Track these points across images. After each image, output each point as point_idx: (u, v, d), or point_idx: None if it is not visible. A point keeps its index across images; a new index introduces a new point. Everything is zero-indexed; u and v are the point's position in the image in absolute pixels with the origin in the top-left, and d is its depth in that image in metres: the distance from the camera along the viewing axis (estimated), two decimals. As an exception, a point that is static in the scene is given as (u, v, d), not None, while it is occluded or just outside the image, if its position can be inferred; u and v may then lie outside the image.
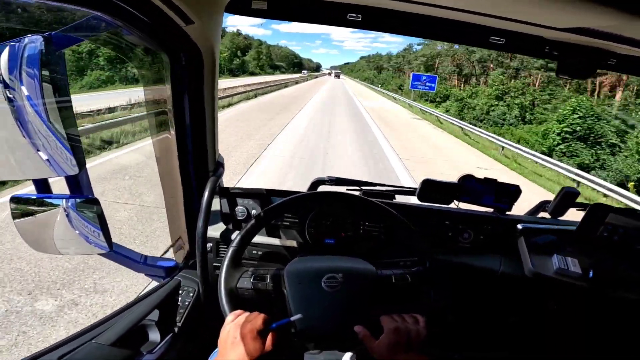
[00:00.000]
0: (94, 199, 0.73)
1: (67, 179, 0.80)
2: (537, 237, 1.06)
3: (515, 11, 0.71)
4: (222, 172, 1.01)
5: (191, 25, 0.73)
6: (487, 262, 1.10)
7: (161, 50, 0.79)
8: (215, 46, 0.84)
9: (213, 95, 0.91)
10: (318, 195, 1.01)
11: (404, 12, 0.84)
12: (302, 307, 0.74)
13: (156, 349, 0.81)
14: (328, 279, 0.77)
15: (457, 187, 1.12)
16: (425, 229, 1.13)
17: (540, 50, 0.89)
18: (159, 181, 1.01)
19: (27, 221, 0.75)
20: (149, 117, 0.97)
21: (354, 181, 1.20)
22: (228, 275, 0.80)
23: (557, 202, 1.12)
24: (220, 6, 0.81)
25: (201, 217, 0.87)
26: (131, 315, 0.78)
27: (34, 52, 0.63)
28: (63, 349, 0.66)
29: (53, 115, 0.66)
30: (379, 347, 0.65)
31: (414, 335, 0.66)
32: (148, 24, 0.68)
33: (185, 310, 0.93)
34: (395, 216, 0.90)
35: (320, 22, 0.91)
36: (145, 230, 3.55)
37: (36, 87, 0.64)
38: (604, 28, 0.67)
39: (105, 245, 0.73)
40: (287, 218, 1.10)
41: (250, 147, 7.65)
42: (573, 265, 0.96)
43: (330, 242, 1.08)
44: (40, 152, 0.68)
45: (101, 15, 0.63)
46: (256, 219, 0.87)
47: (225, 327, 0.67)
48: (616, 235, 0.92)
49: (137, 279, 2.65)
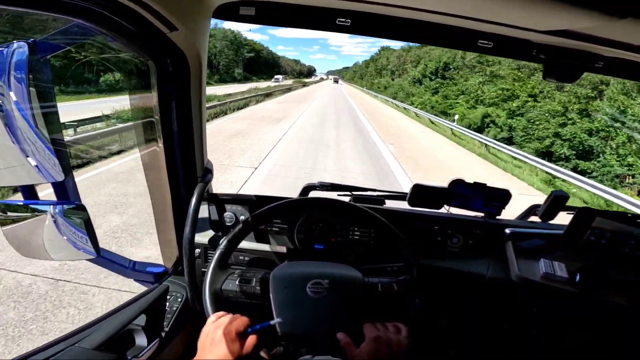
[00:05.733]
0: (80, 205, 0.73)
1: (54, 185, 0.80)
2: (525, 242, 1.06)
3: (501, 15, 0.72)
4: (211, 178, 1.01)
5: (175, 32, 0.73)
6: (475, 267, 1.10)
7: (146, 57, 0.79)
8: (202, 52, 0.84)
9: (200, 100, 0.91)
10: (307, 201, 1.02)
11: (393, 17, 0.84)
12: (286, 312, 0.75)
13: (142, 353, 0.81)
14: (313, 285, 0.77)
15: (448, 191, 1.12)
16: (414, 234, 1.13)
17: (527, 54, 0.89)
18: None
19: (14, 227, 0.75)
20: (135, 123, 0.97)
21: (344, 186, 1.21)
22: (214, 276, 0.81)
23: (546, 206, 1.12)
24: (207, 12, 0.82)
25: (188, 223, 0.87)
26: (117, 320, 0.78)
27: (21, 58, 0.64)
28: (45, 353, 0.66)
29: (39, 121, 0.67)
30: (360, 355, 0.65)
31: (394, 345, 0.66)
32: (132, 31, 0.68)
33: (172, 316, 0.93)
34: (382, 223, 0.90)
35: (309, 27, 0.91)
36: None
37: (24, 92, 0.64)
38: (586, 30, 0.67)
39: (92, 251, 0.73)
40: (276, 224, 1.10)
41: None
42: (560, 269, 0.96)
43: (320, 248, 1.09)
44: (27, 157, 0.69)
45: (83, 23, 0.63)
46: (244, 223, 0.87)
47: (206, 328, 0.68)
48: (603, 238, 0.92)
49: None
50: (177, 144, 0.92)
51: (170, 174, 0.94)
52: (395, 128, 14.25)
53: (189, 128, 0.92)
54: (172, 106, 0.87)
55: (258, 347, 0.66)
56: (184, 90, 0.87)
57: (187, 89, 0.87)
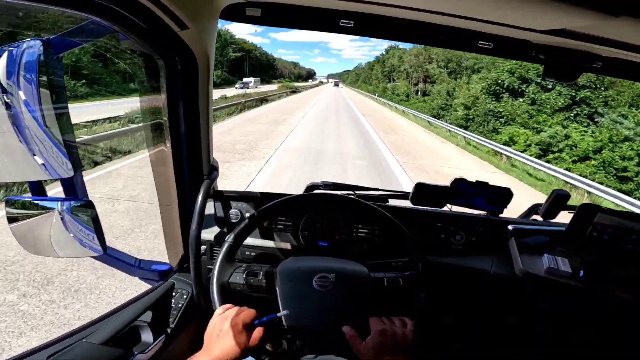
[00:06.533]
0: (88, 202, 0.73)
1: (62, 182, 0.81)
2: (528, 238, 1.07)
3: (500, 15, 0.74)
4: (217, 175, 1.02)
5: (186, 31, 0.75)
6: (479, 263, 1.11)
7: (156, 55, 0.81)
8: (210, 51, 0.86)
9: (208, 99, 0.93)
10: (313, 196, 1.02)
11: (396, 18, 0.86)
12: (292, 305, 0.75)
13: (148, 349, 0.81)
14: (320, 279, 0.77)
15: (450, 190, 1.13)
16: (417, 231, 1.14)
17: (527, 54, 0.91)
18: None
19: (22, 224, 0.75)
20: (144, 121, 0.98)
21: (347, 186, 1.22)
22: (221, 269, 0.82)
23: (548, 205, 1.13)
24: (215, 13, 0.84)
25: (195, 220, 0.88)
26: (123, 316, 0.78)
27: (32, 58, 0.65)
28: (52, 349, 0.66)
29: (49, 119, 0.68)
30: (365, 349, 0.65)
31: (400, 338, 0.66)
32: (144, 29, 0.70)
33: (178, 312, 0.94)
34: (387, 218, 0.91)
35: (313, 29, 0.94)
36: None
37: (33, 91, 0.65)
38: (583, 29, 0.69)
39: (99, 249, 0.73)
40: (280, 221, 1.11)
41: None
42: (563, 264, 0.97)
43: (324, 245, 1.09)
44: (36, 155, 0.70)
45: (99, 20, 0.65)
46: (250, 218, 0.88)
47: (213, 320, 0.68)
48: (605, 234, 0.93)
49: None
50: (185, 141, 0.93)
51: (177, 172, 0.95)
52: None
53: (196, 126, 0.93)
54: (180, 104, 0.89)
55: (264, 339, 0.67)
56: (192, 89, 0.88)
57: (195, 88, 0.88)
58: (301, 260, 0.85)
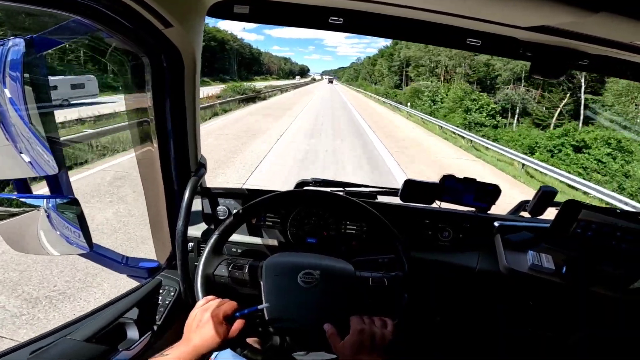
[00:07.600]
0: (74, 200, 0.73)
1: (47, 179, 0.81)
2: (513, 234, 1.07)
3: (486, 12, 0.74)
4: (204, 172, 1.02)
5: (171, 29, 0.74)
6: (465, 260, 1.12)
7: (141, 53, 0.80)
8: (196, 48, 0.86)
9: (194, 96, 0.93)
10: (302, 193, 1.03)
11: (385, 15, 0.86)
12: (275, 299, 0.75)
13: (134, 346, 0.81)
14: (305, 275, 0.78)
15: (439, 187, 1.14)
16: (405, 228, 1.14)
17: (514, 52, 0.91)
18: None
19: (7, 222, 0.75)
20: (129, 119, 0.98)
21: (337, 182, 1.22)
22: (207, 261, 0.82)
23: (535, 201, 1.14)
24: (202, 10, 0.83)
25: (181, 217, 0.88)
26: (108, 313, 0.78)
27: (17, 56, 0.65)
28: (34, 345, 0.67)
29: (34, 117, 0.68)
30: (343, 347, 0.66)
31: (378, 338, 0.66)
32: (127, 27, 0.70)
33: (165, 309, 0.94)
34: (374, 216, 0.91)
35: (303, 26, 0.93)
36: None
37: (19, 89, 0.65)
38: (565, 26, 0.69)
39: (85, 246, 0.73)
40: (269, 217, 1.11)
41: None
42: (547, 261, 0.97)
43: (312, 241, 1.10)
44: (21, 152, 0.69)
45: (81, 19, 0.65)
46: (236, 215, 0.88)
47: (194, 311, 0.68)
48: (589, 231, 0.94)
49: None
50: (171, 139, 0.93)
51: (164, 169, 0.94)
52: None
53: (182, 124, 0.93)
54: (166, 102, 0.88)
55: (244, 331, 0.67)
56: (178, 87, 0.88)
57: (181, 85, 0.88)
58: (288, 255, 0.85)
